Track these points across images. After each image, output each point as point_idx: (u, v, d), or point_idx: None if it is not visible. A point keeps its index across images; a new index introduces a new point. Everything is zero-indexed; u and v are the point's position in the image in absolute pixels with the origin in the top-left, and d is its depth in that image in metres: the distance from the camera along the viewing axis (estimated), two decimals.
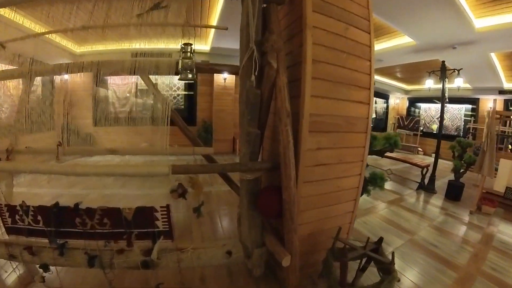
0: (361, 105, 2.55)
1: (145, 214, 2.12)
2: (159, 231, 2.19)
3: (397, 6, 4.42)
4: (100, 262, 2.16)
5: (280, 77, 2.05)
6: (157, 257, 2.20)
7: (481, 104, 10.00)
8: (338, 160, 2.47)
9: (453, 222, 4.35)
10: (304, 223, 2.45)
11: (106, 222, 2.10)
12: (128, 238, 2.17)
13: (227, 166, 2.31)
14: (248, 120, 2.15)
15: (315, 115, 2.24)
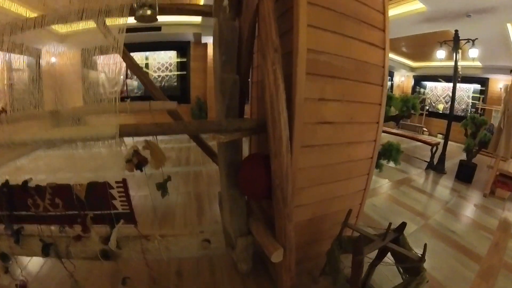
0: (375, 48, 1.93)
1: (99, 191, 1.71)
2: (118, 214, 1.76)
3: None
4: (55, 251, 1.81)
5: (265, 2, 1.42)
6: (117, 246, 1.76)
7: (490, 84, 9.36)
8: (348, 118, 1.85)
9: (468, 206, 4.03)
10: (302, 205, 1.88)
11: (58, 202, 1.74)
12: (83, 222, 1.77)
13: (192, 125, 1.59)
14: (223, 63, 1.57)
15: (314, 52, 1.61)
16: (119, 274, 1.96)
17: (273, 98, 1.40)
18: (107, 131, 1.43)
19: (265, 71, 1.42)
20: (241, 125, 1.59)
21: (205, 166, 4.91)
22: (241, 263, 1.93)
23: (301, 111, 1.60)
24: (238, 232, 1.89)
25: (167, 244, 1.79)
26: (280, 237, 1.62)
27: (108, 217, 1.74)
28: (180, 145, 6.72)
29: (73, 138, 1.47)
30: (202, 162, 5.08)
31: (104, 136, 1.44)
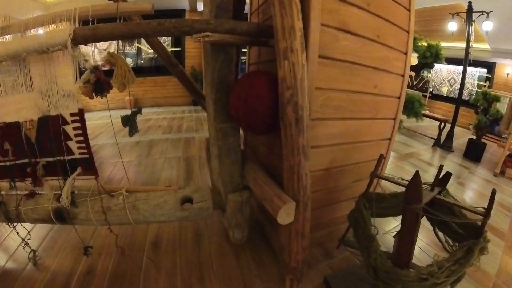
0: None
1: (51, 129, 1.28)
2: (74, 160, 1.32)
3: None
4: (4, 211, 1.41)
5: None
6: (73, 203, 1.32)
7: (497, 69, 8.80)
8: (376, 34, 1.38)
9: (481, 183, 3.69)
10: (319, 146, 1.39)
11: (7, 148, 1.35)
12: (33, 171, 1.33)
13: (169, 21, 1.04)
14: None
15: None
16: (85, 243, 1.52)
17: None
18: (57, 37, 1.02)
19: None
20: (236, 27, 1.09)
21: (197, 133, 4.49)
22: (234, 229, 1.48)
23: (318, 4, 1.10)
24: (230, 186, 1.42)
25: (135, 201, 1.32)
26: (290, 184, 1.12)
27: (62, 164, 1.30)
28: (173, 115, 6.27)
29: (18, 51, 1.07)
30: (195, 130, 4.69)
31: (54, 44, 1.03)
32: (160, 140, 4.04)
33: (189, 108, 7.38)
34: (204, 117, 5.86)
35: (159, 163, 3.14)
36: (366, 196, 1.30)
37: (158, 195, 1.33)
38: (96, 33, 1.03)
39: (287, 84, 0.98)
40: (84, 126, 1.26)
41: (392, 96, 1.63)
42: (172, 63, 2.11)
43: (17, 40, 1.13)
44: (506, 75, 8.54)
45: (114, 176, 2.75)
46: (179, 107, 7.48)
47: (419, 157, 4.35)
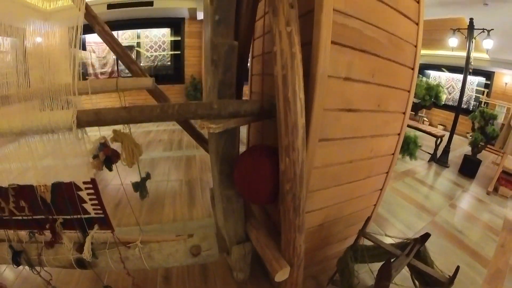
0: (409, 22, 1.59)
1: (65, 193, 1.40)
2: (91, 218, 1.47)
3: None
4: (26, 259, 1.56)
5: None
6: (93, 255, 1.48)
7: (496, 78, 9.02)
8: (375, 105, 1.51)
9: (473, 203, 3.91)
10: (314, 210, 1.58)
11: (23, 205, 1.48)
12: (51, 227, 1.49)
13: (172, 107, 1.12)
14: (216, 23, 1.16)
15: (342, 14, 1.23)
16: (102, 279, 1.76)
17: (287, 72, 1.01)
18: (61, 120, 1.11)
19: (276, 34, 1.01)
20: (240, 109, 1.18)
21: (198, 150, 4.58)
22: (237, 272, 1.67)
23: (322, 93, 1.23)
24: (234, 238, 1.61)
25: (149, 251, 1.50)
26: (286, 251, 1.33)
27: (79, 221, 1.46)
28: (173, 127, 6.38)
29: (22, 130, 1.16)
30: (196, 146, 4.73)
31: (59, 127, 1.12)
32: (161, 159, 4.20)
33: None
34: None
35: (162, 187, 3.29)
36: (353, 248, 1.51)
37: (170, 245, 1.53)
38: (100, 118, 1.12)
39: (287, 177, 1.14)
40: (98, 193, 1.38)
41: (387, 154, 1.81)
42: None
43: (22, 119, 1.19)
44: (505, 84, 8.77)
45: (120, 201, 2.88)
46: None
47: (414, 175, 4.55)
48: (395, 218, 3.11)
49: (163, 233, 2.41)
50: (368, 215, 1.95)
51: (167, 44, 7.74)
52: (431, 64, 10.74)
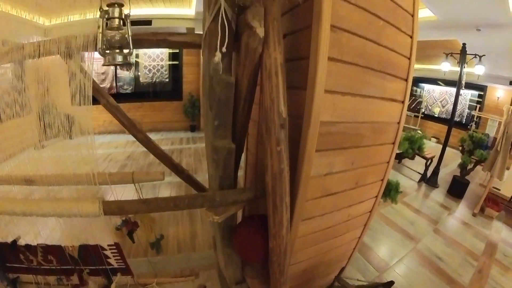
0: (394, 104, 1.78)
1: (92, 252, 1.72)
2: (114, 268, 1.81)
3: None
4: None
5: (271, 54, 1.14)
6: None
7: (488, 92, 9.45)
8: (354, 184, 1.78)
9: (457, 226, 4.17)
10: (298, 262, 1.88)
11: (51, 259, 1.75)
12: (79, 275, 1.81)
13: (183, 200, 1.39)
14: (215, 128, 1.36)
15: (329, 124, 1.41)
16: None
17: (275, 183, 1.28)
18: (89, 208, 1.36)
19: (268, 151, 1.25)
20: (238, 198, 1.47)
21: (197, 174, 4.88)
22: None
23: (306, 190, 1.51)
24: (233, 280, 1.91)
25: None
26: None
27: (104, 270, 1.77)
28: (172, 146, 6.68)
29: (51, 213, 1.39)
30: (195, 170, 5.08)
31: (87, 214, 1.37)
32: (162, 185, 4.43)
33: (186, 136, 7.84)
34: (202, 151, 6.29)
35: (165, 216, 3.53)
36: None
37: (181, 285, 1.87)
38: (122, 208, 1.40)
39: (274, 252, 1.45)
40: (121, 253, 1.69)
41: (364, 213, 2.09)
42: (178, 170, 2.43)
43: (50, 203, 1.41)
44: (497, 99, 9.17)
45: None
46: (176, 133, 7.96)
47: (403, 198, 4.77)
48: (379, 247, 3.34)
49: (169, 265, 2.65)
50: (347, 256, 2.29)
51: (165, 61, 7.97)
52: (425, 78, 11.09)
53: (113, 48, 1.31)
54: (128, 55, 1.33)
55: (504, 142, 4.63)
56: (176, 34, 1.49)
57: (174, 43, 1.51)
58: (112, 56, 1.30)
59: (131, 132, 2.03)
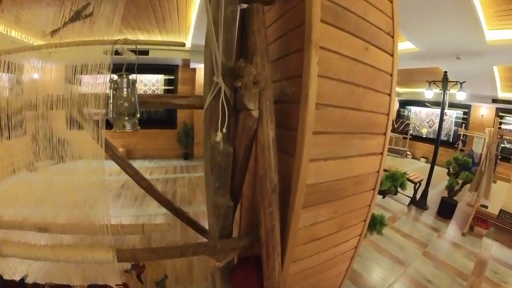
0: (374, 156, 1.97)
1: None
2: None
3: (408, 12, 4.04)
4: None
5: (264, 130, 1.36)
6: None
7: (472, 111, 9.93)
8: (338, 228, 1.96)
9: (447, 248, 4.27)
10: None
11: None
12: None
13: (188, 249, 1.55)
14: (216, 188, 1.56)
15: (313, 185, 1.60)
16: None
17: (268, 236, 1.48)
18: (104, 256, 1.46)
19: (261, 212, 1.47)
20: (236, 245, 1.66)
21: (191, 206, 4.98)
22: None
23: (295, 238, 1.68)
24: None
25: None
26: None
27: None
28: (165, 175, 6.79)
29: (66, 260, 1.48)
30: (189, 201, 5.18)
31: (101, 262, 1.47)
32: (157, 216, 4.51)
33: (180, 164, 7.94)
34: (195, 181, 6.42)
35: None
36: None
37: None
38: (134, 256, 1.57)
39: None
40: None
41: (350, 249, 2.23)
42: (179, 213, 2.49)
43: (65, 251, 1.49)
44: (481, 116, 9.60)
45: None
46: (170, 161, 8.05)
47: (393, 223, 4.93)
48: (369, 274, 3.42)
49: None
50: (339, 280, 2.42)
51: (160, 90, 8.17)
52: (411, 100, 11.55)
53: (122, 115, 1.47)
54: (134, 124, 1.49)
55: (488, 163, 4.86)
56: (178, 97, 1.71)
57: (177, 105, 1.73)
58: (122, 123, 1.47)
59: (135, 179, 2.16)
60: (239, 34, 1.50)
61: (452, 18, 4.23)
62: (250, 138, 1.43)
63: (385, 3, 1.80)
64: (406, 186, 2.93)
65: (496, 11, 4.14)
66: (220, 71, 1.23)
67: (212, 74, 1.30)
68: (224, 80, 1.29)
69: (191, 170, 7.41)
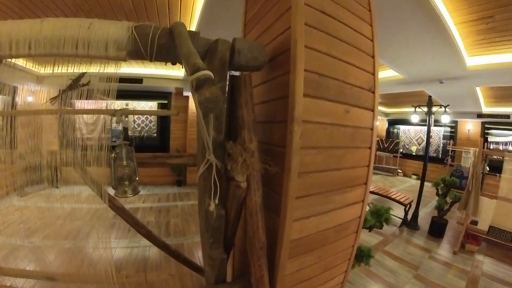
0: (355, 205, 2.11)
1: None
2: None
3: (392, 45, 4.28)
4: None
5: (252, 198, 1.51)
6: None
7: (459, 127, 10.29)
8: (323, 270, 2.07)
9: (438, 268, 4.36)
10: None
11: None
12: None
13: None
14: (210, 244, 1.69)
15: (297, 240, 1.73)
16: None
17: (258, 283, 1.61)
18: None
19: (251, 262, 1.59)
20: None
21: (185, 237, 5.01)
22: None
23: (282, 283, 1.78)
24: None
25: None
26: None
27: None
28: (158, 204, 6.82)
29: None
30: (183, 232, 5.20)
31: None
32: (152, 248, 4.44)
33: (173, 191, 7.99)
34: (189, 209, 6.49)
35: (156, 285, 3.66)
36: None
37: None
38: None
39: None
40: None
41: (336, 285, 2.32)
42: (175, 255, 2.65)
43: None
44: (468, 131, 9.96)
45: None
46: (163, 188, 8.12)
47: (384, 247, 4.99)
48: None
49: None
50: None
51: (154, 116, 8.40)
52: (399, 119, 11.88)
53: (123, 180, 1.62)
54: (134, 189, 1.63)
55: (475, 182, 5.09)
56: (173, 157, 1.87)
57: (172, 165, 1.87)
58: (123, 189, 1.61)
59: (135, 227, 2.28)
60: (228, 99, 1.67)
61: (434, 49, 4.52)
62: (239, 204, 1.57)
63: (366, 60, 1.97)
64: (390, 220, 3.07)
65: (475, 41, 4.43)
66: (212, 149, 1.38)
67: (203, 150, 1.46)
68: (215, 152, 1.43)
69: (184, 197, 7.46)
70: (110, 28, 1.36)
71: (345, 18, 1.82)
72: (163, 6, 3.82)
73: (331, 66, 1.69)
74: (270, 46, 1.78)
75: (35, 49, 1.30)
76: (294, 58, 1.51)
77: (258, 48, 1.55)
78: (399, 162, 11.87)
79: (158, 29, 1.36)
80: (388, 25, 3.66)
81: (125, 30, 1.35)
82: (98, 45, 1.33)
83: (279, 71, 1.68)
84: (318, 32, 1.62)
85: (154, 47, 1.36)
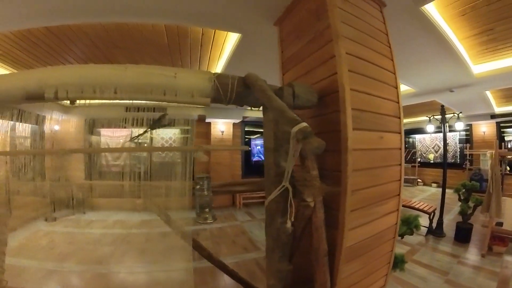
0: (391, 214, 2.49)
1: None
2: None
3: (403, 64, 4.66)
4: None
5: (317, 214, 1.83)
6: None
7: (474, 130, 10.46)
8: (368, 273, 2.41)
9: (468, 273, 4.42)
10: None
11: None
12: None
13: None
14: (279, 258, 2.00)
15: (350, 247, 2.11)
16: None
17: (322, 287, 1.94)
18: None
19: (316, 269, 1.92)
20: None
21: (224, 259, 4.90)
22: None
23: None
24: None
25: None
26: None
27: None
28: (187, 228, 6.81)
29: None
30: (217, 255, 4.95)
31: None
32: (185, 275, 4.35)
33: None
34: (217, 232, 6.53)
35: None
36: None
37: None
38: None
39: None
40: None
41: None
42: None
43: None
44: (483, 133, 10.08)
45: None
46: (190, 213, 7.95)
47: (412, 256, 5.06)
48: None
49: None
50: None
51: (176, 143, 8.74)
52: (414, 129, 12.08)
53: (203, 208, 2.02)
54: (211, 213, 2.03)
55: (494, 184, 5.24)
56: (238, 184, 2.34)
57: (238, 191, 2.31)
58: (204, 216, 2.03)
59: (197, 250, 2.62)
60: None
61: (442, 64, 4.93)
62: (306, 221, 1.92)
63: (391, 91, 2.43)
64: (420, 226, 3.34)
65: (479, 51, 4.78)
66: (288, 178, 1.76)
67: (275, 174, 1.89)
68: None
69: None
70: (195, 77, 1.73)
71: (373, 58, 2.26)
72: (196, 43, 4.28)
73: (367, 101, 2.14)
74: (316, 87, 2.20)
75: (120, 93, 1.59)
76: (343, 100, 1.94)
77: (311, 92, 1.98)
78: (418, 172, 11.97)
79: (235, 79, 1.77)
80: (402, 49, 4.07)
81: (208, 80, 1.73)
82: (185, 93, 1.69)
83: (328, 109, 2.11)
84: (357, 75, 2.07)
85: (234, 95, 1.75)
